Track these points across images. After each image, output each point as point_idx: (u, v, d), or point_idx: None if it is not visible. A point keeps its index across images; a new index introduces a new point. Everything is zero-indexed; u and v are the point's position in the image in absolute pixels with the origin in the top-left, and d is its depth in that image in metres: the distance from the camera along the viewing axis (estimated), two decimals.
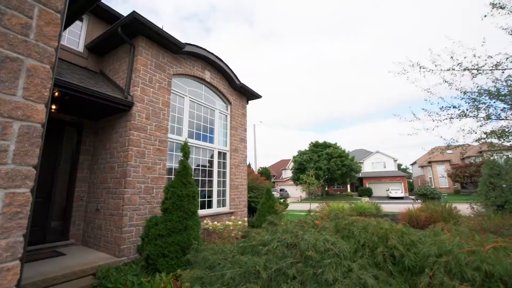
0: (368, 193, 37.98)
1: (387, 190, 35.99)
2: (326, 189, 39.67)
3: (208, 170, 7.46)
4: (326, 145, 36.73)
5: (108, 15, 6.66)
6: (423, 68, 6.36)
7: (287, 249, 2.39)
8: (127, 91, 5.36)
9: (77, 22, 6.27)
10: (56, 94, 4.66)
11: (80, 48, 6.21)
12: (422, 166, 43.40)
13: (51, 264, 4.24)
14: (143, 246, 4.63)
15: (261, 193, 10.78)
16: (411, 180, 54.23)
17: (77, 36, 6.23)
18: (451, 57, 6.09)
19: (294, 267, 2.13)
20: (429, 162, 40.46)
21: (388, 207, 18.22)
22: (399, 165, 60.68)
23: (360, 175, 41.23)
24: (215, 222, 6.74)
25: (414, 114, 6.92)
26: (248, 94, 9.39)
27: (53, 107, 4.91)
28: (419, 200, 15.05)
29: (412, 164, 53.68)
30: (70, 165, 5.73)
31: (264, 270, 2.07)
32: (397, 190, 33.54)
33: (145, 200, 5.24)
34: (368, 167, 44.76)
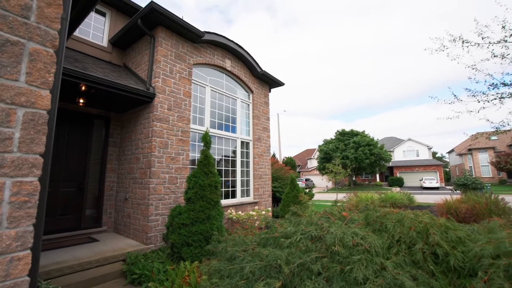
0: (399, 183, 36.10)
1: (420, 180, 33.90)
2: (354, 178, 38.38)
3: (231, 160, 7.43)
4: (353, 133, 35.26)
5: (130, 9, 6.72)
6: (467, 42, 5.57)
7: (311, 243, 2.22)
8: (149, 83, 5.41)
9: (100, 17, 6.41)
10: (83, 88, 4.82)
11: (104, 43, 6.37)
12: (460, 154, 40.11)
13: (86, 250, 4.49)
14: (168, 234, 4.73)
15: (285, 183, 10.63)
16: (447, 169, 50.57)
17: (101, 31, 6.38)
18: (503, 27, 5.23)
19: (319, 262, 1.96)
20: (469, 149, 37.24)
21: (422, 198, 17.13)
22: (434, 153, 56.81)
23: (391, 164, 39.23)
24: (239, 212, 6.73)
25: (454, 95, 6.18)
26: (270, 82, 9.13)
27: (81, 101, 5.10)
28: (458, 191, 13.89)
29: (449, 152, 49.84)
30: (101, 156, 6.00)
31: (286, 264, 1.93)
32: (432, 180, 31.42)
33: (170, 190, 5.33)
34: (399, 155, 42.40)
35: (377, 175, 40.78)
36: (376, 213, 2.35)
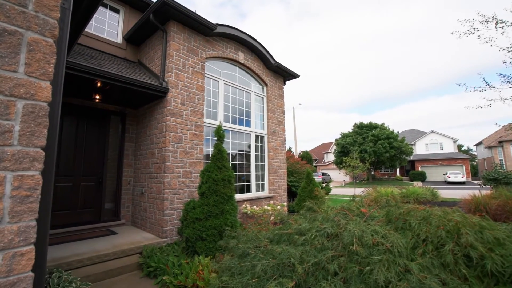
0: (421, 177, 34.63)
1: (444, 174, 32.32)
2: (373, 173, 37.28)
3: (246, 154, 7.36)
4: (371, 126, 34.13)
5: (142, 4, 6.73)
6: (501, 22, 5.04)
7: (327, 240, 2.09)
8: (162, 78, 5.41)
9: (114, 14, 6.47)
10: (99, 84, 4.90)
11: (119, 39, 6.44)
12: (490, 147, 37.67)
13: (105, 242, 4.62)
14: (182, 229, 4.76)
15: (301, 177, 10.45)
16: (474, 163, 47.82)
17: (115, 28, 6.45)
18: None
19: (335, 262, 1.84)
20: (500, 141, 34.86)
21: (446, 193, 16.34)
22: (459, 146, 53.92)
23: (412, 158, 37.66)
24: (254, 207, 6.68)
25: (486, 82, 5.68)
26: (285, 74, 8.92)
27: (97, 97, 5.20)
28: (487, 186, 13.03)
29: (476, 145, 46.98)
30: (118, 152, 6.13)
31: (300, 263, 1.82)
32: (457, 174, 29.87)
33: (184, 184, 5.35)
34: (421, 149, 40.61)
35: (398, 169, 39.37)
36: (399, 210, 2.16)
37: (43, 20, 1.28)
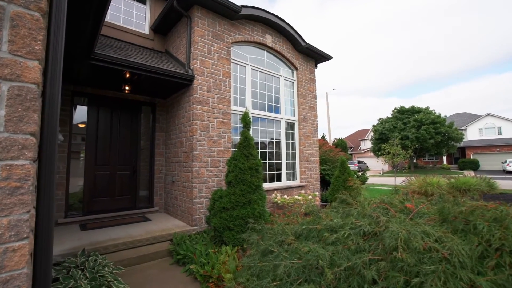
0: (474, 166, 31.00)
1: (503, 163, 28.52)
2: (415, 161, 34.40)
3: (275, 141, 7.10)
4: (414, 111, 31.17)
5: None
6: None
7: (363, 240, 1.78)
8: (188, 65, 5.31)
9: (141, 6, 6.51)
10: (127, 75, 4.97)
11: (147, 30, 6.48)
12: None
13: (139, 228, 4.79)
14: (209, 218, 4.72)
15: (335, 166, 9.90)
16: None
17: (142, 20, 6.50)
18: None
19: (374, 267, 1.53)
20: None
21: (506, 184, 14.36)
22: None
23: (462, 144, 33.80)
24: (285, 196, 6.45)
25: None
26: (316, 57, 8.32)
27: (127, 88, 5.29)
28: None
29: None
30: (150, 141, 6.30)
31: (330, 267, 1.55)
32: None
33: (212, 173, 5.29)
34: (473, 134, 36.21)
35: (444, 157, 35.79)
36: (458, 207, 1.73)
37: None
